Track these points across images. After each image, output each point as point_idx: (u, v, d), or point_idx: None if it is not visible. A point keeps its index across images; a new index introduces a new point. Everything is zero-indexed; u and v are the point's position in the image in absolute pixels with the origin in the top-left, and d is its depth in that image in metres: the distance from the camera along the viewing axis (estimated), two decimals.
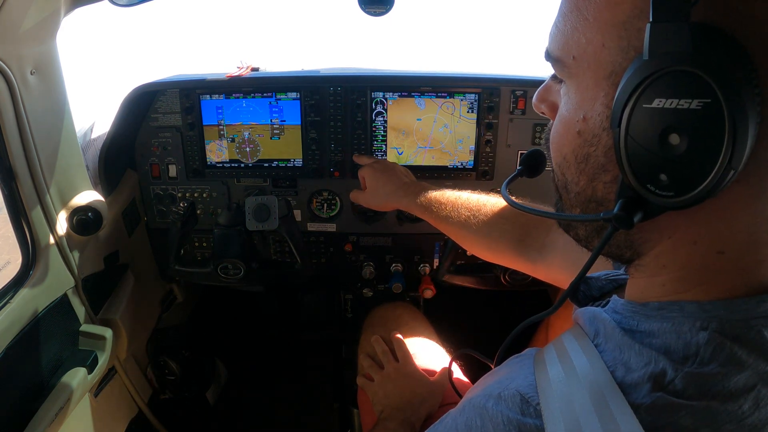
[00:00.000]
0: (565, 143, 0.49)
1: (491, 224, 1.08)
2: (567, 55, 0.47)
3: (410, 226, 1.62)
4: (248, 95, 1.49)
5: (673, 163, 0.38)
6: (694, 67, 0.35)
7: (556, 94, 0.54)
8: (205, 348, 1.94)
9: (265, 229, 1.37)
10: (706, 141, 0.36)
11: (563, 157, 0.50)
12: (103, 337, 1.29)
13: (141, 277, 1.58)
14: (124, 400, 1.54)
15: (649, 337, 0.45)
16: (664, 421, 0.40)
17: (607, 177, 0.46)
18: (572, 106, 0.48)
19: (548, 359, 0.52)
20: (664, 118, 0.37)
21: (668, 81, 0.36)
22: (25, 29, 0.98)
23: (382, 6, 1.13)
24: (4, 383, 1.05)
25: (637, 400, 0.42)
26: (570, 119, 0.48)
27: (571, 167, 0.49)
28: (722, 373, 0.40)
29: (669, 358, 0.42)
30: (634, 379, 0.43)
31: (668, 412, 0.40)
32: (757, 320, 0.42)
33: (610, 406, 0.42)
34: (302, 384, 2.07)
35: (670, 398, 0.41)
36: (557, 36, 0.48)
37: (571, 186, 0.50)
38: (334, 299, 1.91)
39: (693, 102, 0.36)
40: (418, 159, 1.55)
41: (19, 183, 1.10)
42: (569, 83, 0.48)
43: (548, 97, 0.57)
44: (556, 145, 0.52)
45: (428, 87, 1.47)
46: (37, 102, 1.09)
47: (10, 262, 3.13)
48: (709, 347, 0.41)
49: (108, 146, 1.43)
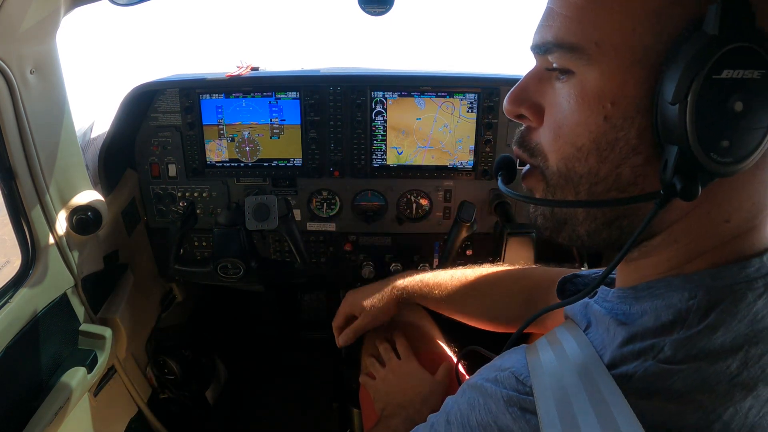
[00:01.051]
0: (581, 133, 0.48)
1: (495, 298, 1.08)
2: (587, 41, 0.46)
3: (410, 225, 1.62)
4: (248, 95, 1.49)
5: (735, 129, 0.42)
6: (755, 44, 0.40)
7: (538, 94, 0.53)
8: (204, 347, 1.94)
9: (264, 228, 1.37)
10: (765, 104, 0.41)
11: (577, 148, 0.49)
12: (103, 336, 1.29)
13: (141, 276, 1.58)
14: (124, 399, 1.54)
15: (642, 317, 0.48)
16: (657, 387, 0.43)
17: (638, 160, 0.46)
18: (592, 94, 0.47)
19: (540, 347, 0.55)
20: (731, 88, 0.41)
21: (736, 55, 0.40)
22: (25, 29, 0.98)
23: (381, 6, 1.13)
24: (3, 383, 1.05)
25: (629, 370, 0.44)
26: (590, 108, 0.47)
27: (589, 157, 0.49)
28: (708, 336, 0.43)
29: (659, 329, 0.45)
30: (625, 354, 0.45)
31: (660, 378, 0.43)
32: (740, 284, 0.45)
33: (597, 382, 0.45)
34: (302, 384, 2.07)
35: (661, 365, 0.43)
36: (569, 23, 0.47)
37: (586, 177, 0.49)
38: (334, 299, 1.91)
39: (755, 72, 0.41)
40: (417, 159, 1.55)
41: (19, 182, 1.10)
42: (586, 71, 0.47)
43: (529, 98, 0.55)
44: (567, 138, 0.50)
45: (428, 87, 1.47)
46: (36, 101, 1.09)
47: (9, 262, 3.13)
48: (696, 314, 0.44)
49: (108, 146, 1.43)
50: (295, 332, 2.30)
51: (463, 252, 1.63)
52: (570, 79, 0.49)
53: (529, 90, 0.54)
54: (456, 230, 1.44)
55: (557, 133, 0.51)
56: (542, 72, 0.53)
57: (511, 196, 0.60)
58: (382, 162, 1.56)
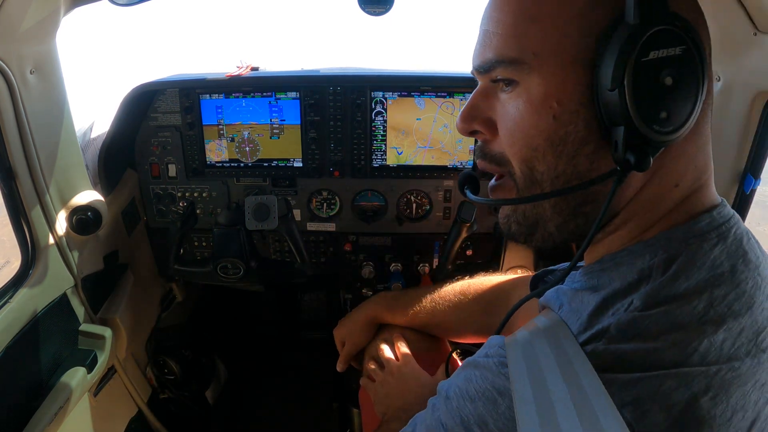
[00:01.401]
0: (534, 134, 0.53)
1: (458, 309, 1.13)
2: (526, 54, 0.51)
3: (410, 225, 1.62)
4: (248, 95, 1.49)
5: (670, 101, 0.47)
6: (672, 25, 0.47)
7: (487, 109, 0.58)
8: (204, 347, 1.94)
9: (264, 228, 1.37)
10: (690, 75, 0.48)
11: (533, 149, 0.53)
12: (103, 336, 1.29)
13: (140, 276, 1.58)
14: (124, 399, 1.54)
15: (609, 283, 0.52)
16: (631, 333, 0.47)
17: (589, 148, 0.52)
18: (538, 98, 0.52)
19: (517, 330, 0.60)
20: (659, 66, 0.47)
21: (658, 37, 0.46)
22: (25, 29, 0.98)
23: (381, 6, 1.13)
24: (3, 383, 1.05)
25: (604, 325, 0.48)
26: (538, 110, 0.52)
27: (546, 155, 0.53)
28: (671, 285, 0.48)
29: (627, 288, 0.50)
30: (598, 314, 0.50)
31: (633, 325, 0.47)
32: (694, 238, 0.50)
33: (562, 343, 0.50)
34: (302, 384, 2.07)
35: (632, 314, 0.47)
36: (507, 40, 0.53)
37: (546, 174, 0.54)
38: (334, 299, 1.91)
39: (677, 48, 0.47)
40: (417, 159, 1.55)
41: (19, 182, 1.10)
42: (529, 79, 0.52)
43: (480, 114, 0.59)
44: (522, 141, 0.54)
45: (428, 87, 1.47)
46: (36, 101, 1.09)
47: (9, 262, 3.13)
48: (658, 270, 0.49)
49: (108, 146, 1.43)
50: (295, 332, 2.30)
51: (463, 252, 1.63)
52: (515, 89, 0.54)
53: (478, 107, 0.59)
54: (456, 230, 1.44)
55: (512, 139, 0.55)
56: (487, 87, 0.58)
57: (484, 203, 0.64)
58: (382, 162, 1.56)
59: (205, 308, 2.08)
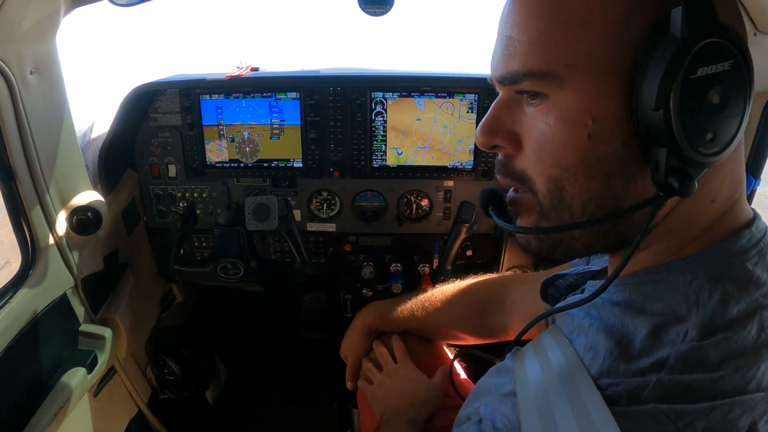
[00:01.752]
0: (567, 153, 0.48)
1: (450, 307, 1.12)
2: (557, 66, 0.46)
3: (410, 226, 1.62)
4: (248, 95, 1.49)
5: (717, 121, 0.44)
6: (722, 38, 0.42)
7: (511, 122, 0.53)
8: (204, 348, 1.94)
9: (264, 229, 1.37)
10: (738, 92, 0.44)
11: (564, 168, 0.49)
12: (103, 336, 1.29)
13: (140, 276, 1.58)
14: (124, 399, 1.54)
15: (648, 301, 0.49)
16: (693, 363, 0.44)
17: (625, 169, 0.48)
18: (571, 114, 0.47)
19: (526, 355, 0.57)
20: (708, 83, 0.43)
21: (707, 51, 0.42)
22: (25, 29, 0.98)
23: (381, 6, 1.13)
24: (3, 383, 1.05)
25: (663, 355, 0.45)
26: (571, 128, 0.47)
27: (579, 175, 0.49)
28: (723, 309, 0.45)
29: (675, 315, 0.47)
30: (649, 344, 0.46)
31: (693, 355, 0.44)
32: (735, 257, 0.48)
33: (579, 390, 0.47)
34: (302, 384, 2.07)
35: (691, 343, 0.45)
36: (535, 50, 0.47)
37: (577, 196, 0.50)
38: (334, 299, 1.91)
39: (726, 64, 0.43)
40: (417, 159, 1.55)
41: (19, 183, 1.10)
42: (560, 93, 0.47)
43: (503, 127, 0.54)
44: (552, 160, 0.50)
45: (428, 87, 1.47)
46: (36, 102, 1.09)
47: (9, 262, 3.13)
48: (704, 292, 0.46)
49: (108, 146, 1.43)
50: (295, 332, 2.30)
51: (463, 252, 1.63)
52: (543, 102, 0.49)
53: (501, 119, 0.54)
54: (456, 231, 1.44)
55: (541, 156, 0.51)
56: (511, 98, 0.53)
57: (517, 231, 0.58)
58: (382, 162, 1.56)
59: (205, 308, 2.08)
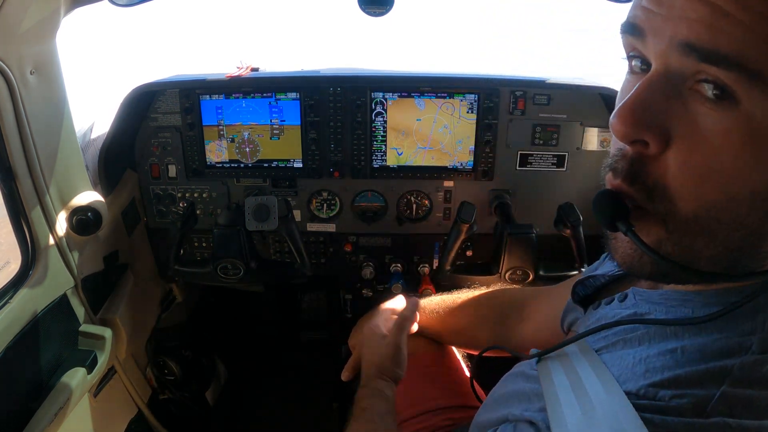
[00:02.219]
0: (740, 180, 0.40)
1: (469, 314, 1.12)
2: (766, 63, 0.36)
3: (410, 226, 1.62)
4: (248, 95, 1.49)
5: None
6: None
7: (666, 114, 0.42)
8: (204, 348, 1.94)
9: (264, 229, 1.37)
10: None
11: (730, 197, 0.41)
12: (103, 337, 1.29)
13: (140, 277, 1.58)
14: (124, 400, 1.54)
15: (721, 327, 0.45)
16: (756, 375, 0.42)
17: None
18: (765, 137, 0.38)
19: (561, 394, 0.50)
20: None
21: None
22: (25, 29, 0.98)
23: (381, 6, 1.13)
24: (3, 383, 1.05)
25: (727, 365, 0.43)
26: (760, 153, 0.39)
27: (742, 206, 0.41)
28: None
29: (740, 333, 0.44)
30: (713, 354, 0.44)
31: (757, 365, 0.42)
32: None
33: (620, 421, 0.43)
34: (302, 384, 2.07)
35: (754, 356, 0.43)
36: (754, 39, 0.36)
37: (727, 225, 0.42)
38: (334, 299, 1.91)
39: None
40: (417, 159, 1.55)
41: (19, 183, 1.10)
42: (758, 104, 0.37)
43: (656, 120, 0.42)
44: (717, 184, 0.41)
45: (428, 87, 1.47)
46: (36, 102, 1.09)
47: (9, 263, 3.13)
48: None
49: (108, 146, 1.43)
50: (295, 332, 2.30)
51: (463, 253, 1.63)
52: (731, 109, 0.38)
53: (654, 108, 0.42)
54: (456, 231, 1.44)
55: (703, 175, 0.41)
56: (672, 84, 0.41)
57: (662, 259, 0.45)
58: (382, 163, 1.56)
59: (205, 309, 2.08)
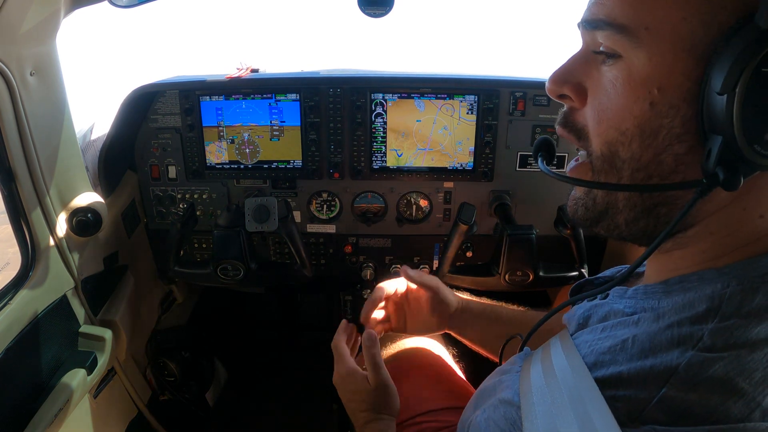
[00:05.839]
0: (626, 117, 0.49)
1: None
2: (638, 25, 0.47)
3: (410, 227, 1.62)
4: (248, 96, 1.49)
5: None
6: None
7: (582, 75, 0.54)
8: (204, 349, 1.94)
9: (264, 230, 1.37)
10: None
11: (621, 132, 0.50)
12: (103, 338, 1.29)
13: (140, 278, 1.58)
14: (124, 401, 1.54)
15: (674, 310, 0.48)
16: (701, 376, 0.43)
17: (680, 148, 0.47)
18: (639, 79, 0.48)
19: (533, 361, 0.57)
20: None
21: None
22: (25, 30, 0.98)
23: (381, 7, 1.13)
24: (3, 384, 1.05)
25: (672, 362, 0.44)
26: (636, 92, 0.48)
27: (633, 142, 0.49)
28: (746, 326, 0.44)
29: (694, 319, 0.46)
30: (663, 341, 0.46)
31: (704, 366, 0.43)
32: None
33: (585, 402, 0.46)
34: (302, 385, 2.07)
35: (703, 354, 0.44)
36: (622, 4, 0.48)
37: (628, 163, 0.50)
38: (334, 300, 1.91)
39: None
40: (417, 160, 1.55)
41: (19, 184, 1.10)
42: (633, 55, 0.48)
43: (573, 79, 0.55)
44: (611, 121, 0.51)
45: (428, 88, 1.47)
46: (36, 103, 1.09)
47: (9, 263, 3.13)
48: (730, 303, 0.45)
49: (108, 147, 1.43)
50: (294, 333, 2.30)
51: (464, 254, 1.63)
52: (617, 63, 0.49)
53: (573, 71, 0.55)
54: (456, 232, 1.44)
55: (601, 116, 0.52)
56: (588, 54, 0.54)
57: (555, 177, 0.59)
58: (381, 164, 1.56)
59: (204, 310, 2.08)
